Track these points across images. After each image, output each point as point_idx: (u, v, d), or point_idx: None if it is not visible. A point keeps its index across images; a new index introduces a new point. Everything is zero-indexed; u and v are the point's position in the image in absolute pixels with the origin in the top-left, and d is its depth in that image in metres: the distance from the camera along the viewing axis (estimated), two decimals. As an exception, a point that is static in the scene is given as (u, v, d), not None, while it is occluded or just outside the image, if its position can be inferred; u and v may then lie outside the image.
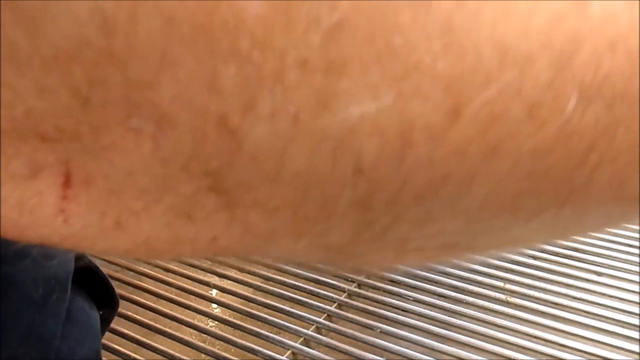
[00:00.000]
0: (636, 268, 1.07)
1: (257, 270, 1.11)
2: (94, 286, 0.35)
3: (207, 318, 1.03)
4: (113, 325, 1.06)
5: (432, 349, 0.91)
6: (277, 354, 0.91)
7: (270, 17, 0.08)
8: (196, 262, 1.10)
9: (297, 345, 0.93)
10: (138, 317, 0.99)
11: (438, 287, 1.05)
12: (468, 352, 0.89)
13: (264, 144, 0.09)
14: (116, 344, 0.92)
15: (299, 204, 0.10)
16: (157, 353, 0.91)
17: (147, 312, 1.01)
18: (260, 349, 0.91)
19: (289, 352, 0.92)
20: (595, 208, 0.12)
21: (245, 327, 0.97)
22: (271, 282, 1.09)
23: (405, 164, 0.09)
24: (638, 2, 0.09)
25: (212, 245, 0.10)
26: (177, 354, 0.91)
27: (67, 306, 0.31)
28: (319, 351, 0.92)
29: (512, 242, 0.14)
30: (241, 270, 1.11)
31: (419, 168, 0.09)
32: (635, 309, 0.97)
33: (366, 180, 0.09)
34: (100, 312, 0.36)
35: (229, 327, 0.99)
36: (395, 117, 0.09)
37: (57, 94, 0.08)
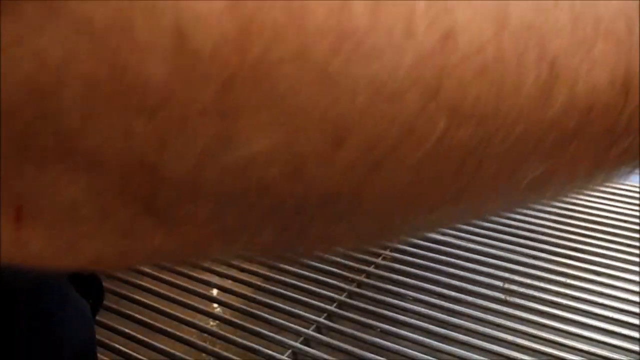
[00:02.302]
0: (636, 268, 1.07)
1: (257, 270, 1.11)
2: (82, 277, 0.37)
3: (207, 317, 1.03)
4: (114, 324, 1.05)
5: (432, 349, 0.91)
6: (278, 353, 0.91)
7: (172, 79, 0.09)
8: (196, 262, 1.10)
9: (298, 344, 0.93)
10: (139, 316, 0.99)
11: (438, 287, 1.05)
12: (468, 351, 0.90)
13: (179, 174, 0.11)
14: (117, 343, 0.92)
15: (221, 219, 0.12)
16: (158, 352, 0.91)
17: (148, 311, 1.01)
18: (260, 348, 0.91)
19: (290, 351, 0.92)
20: (493, 197, 0.15)
21: (245, 327, 0.97)
22: (271, 282, 1.09)
23: (302, 182, 0.11)
24: (506, 30, 0.12)
25: (155, 255, 0.13)
26: (177, 353, 0.91)
27: (65, 293, 0.33)
28: (319, 351, 0.93)
29: (423, 226, 0.16)
30: (242, 269, 1.11)
31: (314, 186, 0.11)
32: (635, 309, 0.98)
33: (270, 195, 0.11)
34: (90, 301, 0.38)
35: (230, 327, 0.99)
36: (287, 149, 0.11)
37: (3, 142, 0.10)
